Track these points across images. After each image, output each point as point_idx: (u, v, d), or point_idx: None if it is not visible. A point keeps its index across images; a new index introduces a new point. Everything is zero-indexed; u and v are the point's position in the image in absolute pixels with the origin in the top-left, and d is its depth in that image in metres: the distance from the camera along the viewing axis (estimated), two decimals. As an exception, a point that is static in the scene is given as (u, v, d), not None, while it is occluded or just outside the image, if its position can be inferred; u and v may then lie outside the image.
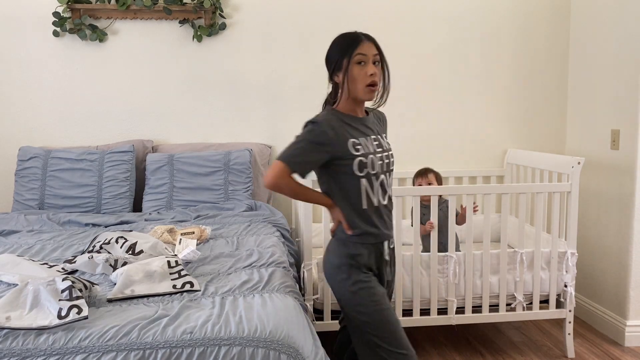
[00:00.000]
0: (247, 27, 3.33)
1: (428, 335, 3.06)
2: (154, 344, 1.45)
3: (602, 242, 3.14)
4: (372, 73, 1.76)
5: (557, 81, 3.55)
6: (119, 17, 3.23)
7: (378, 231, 1.84)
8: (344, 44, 1.79)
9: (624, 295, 2.96)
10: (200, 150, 3.20)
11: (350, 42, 1.78)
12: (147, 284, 1.81)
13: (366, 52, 1.77)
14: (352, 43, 1.77)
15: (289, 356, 1.48)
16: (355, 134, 1.80)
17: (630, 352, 2.86)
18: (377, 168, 1.81)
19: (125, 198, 3.03)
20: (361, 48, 1.76)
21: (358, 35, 1.79)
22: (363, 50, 1.76)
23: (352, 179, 1.78)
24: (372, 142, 1.83)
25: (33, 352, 1.42)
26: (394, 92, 3.44)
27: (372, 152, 1.80)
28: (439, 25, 3.44)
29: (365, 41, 1.78)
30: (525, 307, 2.78)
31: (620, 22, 2.98)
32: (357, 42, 1.77)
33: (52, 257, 2.24)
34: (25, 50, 3.22)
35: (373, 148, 1.82)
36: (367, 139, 1.82)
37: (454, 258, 2.66)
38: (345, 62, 1.77)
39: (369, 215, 1.82)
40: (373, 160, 1.79)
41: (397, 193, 2.63)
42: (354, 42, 1.77)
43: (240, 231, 2.60)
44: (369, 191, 1.80)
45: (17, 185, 3.03)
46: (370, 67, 1.77)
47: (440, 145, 3.52)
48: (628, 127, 2.91)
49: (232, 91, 3.36)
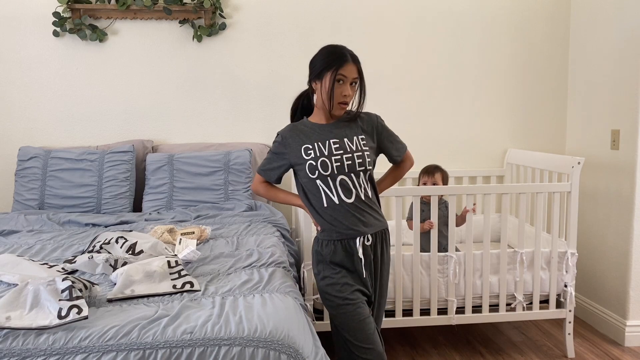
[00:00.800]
0: (247, 27, 3.33)
1: (428, 335, 3.06)
2: (154, 344, 1.45)
3: (602, 242, 3.14)
4: (346, 94, 1.90)
5: (557, 81, 3.55)
6: (119, 17, 3.23)
7: (343, 228, 1.91)
8: (330, 59, 1.89)
9: (624, 295, 2.96)
10: (200, 150, 3.20)
11: (336, 59, 1.88)
12: (147, 284, 1.81)
13: (347, 75, 1.88)
14: (337, 61, 1.88)
15: (289, 356, 1.48)
16: (311, 139, 1.94)
17: (630, 352, 2.85)
18: (331, 169, 1.89)
19: (125, 198, 3.03)
20: (344, 69, 1.88)
21: (345, 55, 1.89)
22: (345, 72, 1.88)
23: (310, 180, 1.93)
24: (330, 145, 1.92)
25: (33, 352, 1.42)
26: (395, 91, 3.47)
27: (325, 154, 1.91)
28: (438, 25, 3.44)
29: (350, 64, 1.89)
30: (525, 307, 2.78)
31: (620, 22, 2.98)
32: (342, 62, 1.87)
33: (52, 257, 2.24)
34: (25, 50, 3.22)
35: (329, 151, 1.91)
36: (324, 142, 1.93)
37: (454, 258, 2.66)
38: (326, 76, 1.89)
39: (331, 213, 1.92)
40: (325, 162, 1.90)
41: (397, 193, 2.63)
42: (338, 61, 1.87)
43: (240, 231, 2.60)
44: (327, 191, 1.92)
45: (17, 185, 3.03)
46: (346, 88, 1.89)
47: (440, 145, 3.52)
48: (628, 127, 2.91)
49: (232, 91, 3.36)
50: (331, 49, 1.92)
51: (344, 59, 1.88)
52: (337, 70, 1.87)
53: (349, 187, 1.92)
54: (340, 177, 1.91)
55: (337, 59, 1.88)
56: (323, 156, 1.91)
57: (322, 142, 1.93)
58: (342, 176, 1.91)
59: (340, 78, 1.88)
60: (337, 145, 1.93)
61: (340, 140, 1.94)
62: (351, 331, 1.88)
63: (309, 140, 1.94)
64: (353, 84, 1.92)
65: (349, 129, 1.98)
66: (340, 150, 1.92)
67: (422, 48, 3.45)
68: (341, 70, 1.87)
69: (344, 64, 1.87)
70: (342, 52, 1.90)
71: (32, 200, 2.98)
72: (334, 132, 1.96)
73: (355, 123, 2.00)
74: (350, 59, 1.89)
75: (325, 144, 1.92)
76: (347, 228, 1.91)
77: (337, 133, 1.96)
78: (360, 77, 1.93)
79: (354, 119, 2.00)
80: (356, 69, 1.90)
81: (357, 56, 1.93)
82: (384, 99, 3.42)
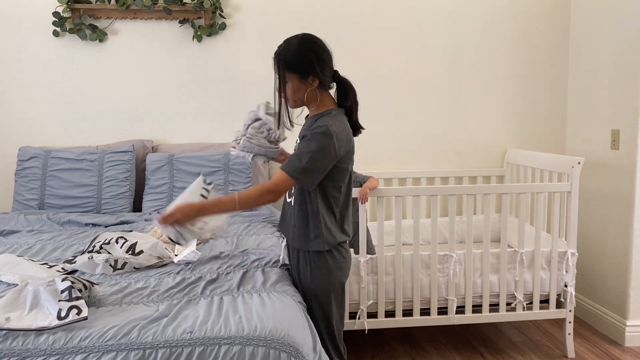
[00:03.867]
0: (247, 27, 3.33)
1: (428, 335, 3.06)
2: (154, 344, 1.45)
3: (602, 242, 3.14)
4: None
5: (557, 81, 3.55)
6: (119, 17, 3.23)
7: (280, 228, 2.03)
8: (327, 60, 1.85)
9: (624, 295, 2.96)
10: (200, 150, 3.20)
11: (329, 65, 1.86)
12: (27, 314, 1.58)
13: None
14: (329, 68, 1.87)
15: (289, 355, 1.48)
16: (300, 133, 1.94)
17: (630, 352, 2.85)
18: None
19: (125, 198, 3.03)
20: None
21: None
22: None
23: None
24: (296, 144, 1.94)
25: (33, 352, 1.42)
26: (394, 91, 3.47)
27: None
28: (438, 25, 3.44)
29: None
30: (525, 307, 2.78)
31: (620, 22, 2.98)
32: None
33: (52, 257, 2.24)
34: (25, 50, 3.22)
35: (294, 148, 1.92)
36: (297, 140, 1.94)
37: (454, 257, 2.66)
38: (317, 75, 1.83)
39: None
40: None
41: (397, 193, 2.63)
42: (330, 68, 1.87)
43: (240, 231, 2.60)
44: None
45: (17, 185, 3.03)
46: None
47: (440, 145, 3.52)
48: (628, 127, 2.91)
49: (232, 91, 3.36)
50: (327, 52, 1.86)
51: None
52: (325, 74, 1.87)
53: (290, 191, 1.92)
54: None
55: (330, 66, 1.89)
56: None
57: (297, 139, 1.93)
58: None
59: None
60: (295, 146, 1.92)
61: (297, 141, 1.92)
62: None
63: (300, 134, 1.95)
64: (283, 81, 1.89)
65: (302, 130, 1.91)
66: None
67: (421, 48, 3.45)
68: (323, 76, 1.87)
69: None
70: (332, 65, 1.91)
71: (32, 200, 2.98)
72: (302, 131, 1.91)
73: (305, 124, 1.94)
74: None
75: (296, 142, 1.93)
76: (281, 229, 2.02)
77: (300, 135, 1.91)
78: (279, 75, 1.90)
79: (314, 121, 1.88)
80: (275, 67, 1.91)
81: (276, 52, 1.88)
82: (383, 99, 3.42)
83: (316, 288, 1.89)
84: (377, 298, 2.65)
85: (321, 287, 1.88)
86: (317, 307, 1.91)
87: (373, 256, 2.63)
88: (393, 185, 3.36)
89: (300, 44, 1.82)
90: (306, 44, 1.82)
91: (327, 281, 1.88)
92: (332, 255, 1.88)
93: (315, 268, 1.88)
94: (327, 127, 1.75)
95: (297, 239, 1.89)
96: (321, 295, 1.89)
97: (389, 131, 3.45)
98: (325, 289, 1.89)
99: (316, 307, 1.91)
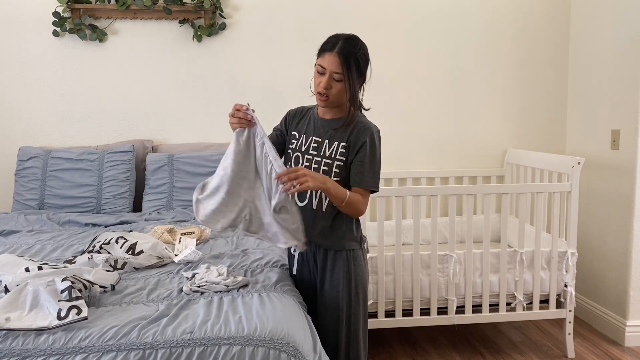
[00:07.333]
0: (247, 27, 3.33)
1: (428, 335, 3.06)
2: (154, 344, 1.45)
3: (602, 242, 3.14)
4: (323, 85, 1.76)
5: (557, 81, 3.55)
6: (119, 17, 3.23)
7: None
8: (322, 45, 1.80)
9: (624, 295, 2.96)
10: (200, 150, 3.20)
11: (322, 46, 1.80)
12: (28, 312, 1.58)
13: (326, 66, 1.76)
14: (321, 48, 1.80)
15: (289, 355, 1.48)
16: (302, 128, 1.90)
17: (630, 352, 2.85)
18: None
19: (125, 198, 3.03)
20: (322, 60, 1.77)
21: (327, 44, 1.78)
22: (324, 63, 1.76)
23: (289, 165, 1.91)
24: (310, 142, 1.87)
25: (33, 352, 1.42)
26: (394, 91, 3.47)
27: (302, 150, 1.87)
28: (438, 25, 3.44)
29: (332, 55, 1.74)
30: (525, 307, 2.78)
31: (620, 23, 2.98)
32: (323, 51, 1.78)
33: (52, 257, 2.23)
34: (25, 50, 3.22)
35: (306, 148, 1.87)
36: (308, 137, 1.87)
37: (454, 257, 2.66)
38: (316, 62, 1.81)
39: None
40: (298, 158, 1.88)
41: (397, 193, 2.63)
42: (322, 49, 1.79)
43: (240, 231, 2.59)
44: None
45: (17, 185, 3.03)
46: (325, 80, 1.76)
47: (440, 145, 3.52)
48: (628, 127, 2.91)
49: (232, 91, 3.36)
50: (331, 36, 1.81)
51: (325, 48, 1.77)
52: (318, 58, 1.79)
53: (304, 192, 1.84)
54: None
55: (322, 46, 1.79)
56: (297, 151, 1.88)
57: (307, 136, 1.87)
58: None
59: (320, 70, 1.77)
60: (316, 145, 1.85)
61: (322, 140, 1.85)
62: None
63: (302, 129, 1.90)
64: (337, 79, 1.76)
65: (338, 133, 1.83)
66: (315, 151, 1.85)
67: (422, 48, 3.45)
68: (320, 59, 1.78)
69: (324, 53, 1.77)
70: (329, 40, 1.78)
71: (32, 200, 2.98)
72: (322, 130, 1.86)
73: (348, 129, 1.83)
74: (334, 50, 1.73)
75: (308, 140, 1.87)
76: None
77: (324, 132, 1.85)
78: (345, 73, 1.74)
79: (348, 124, 1.82)
80: (339, 62, 1.73)
81: (348, 48, 1.74)
82: (383, 99, 3.42)
83: (357, 285, 1.93)
84: (377, 298, 2.65)
85: (362, 282, 1.94)
86: (361, 303, 1.95)
87: (373, 256, 2.63)
88: (393, 185, 3.36)
89: (364, 45, 1.83)
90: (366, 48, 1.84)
91: (366, 276, 1.97)
92: (363, 251, 1.96)
93: (357, 265, 1.92)
94: (374, 130, 1.84)
95: (336, 240, 1.89)
96: (361, 292, 1.94)
97: (388, 131, 3.43)
98: (365, 283, 1.96)
99: (360, 303, 1.95)
